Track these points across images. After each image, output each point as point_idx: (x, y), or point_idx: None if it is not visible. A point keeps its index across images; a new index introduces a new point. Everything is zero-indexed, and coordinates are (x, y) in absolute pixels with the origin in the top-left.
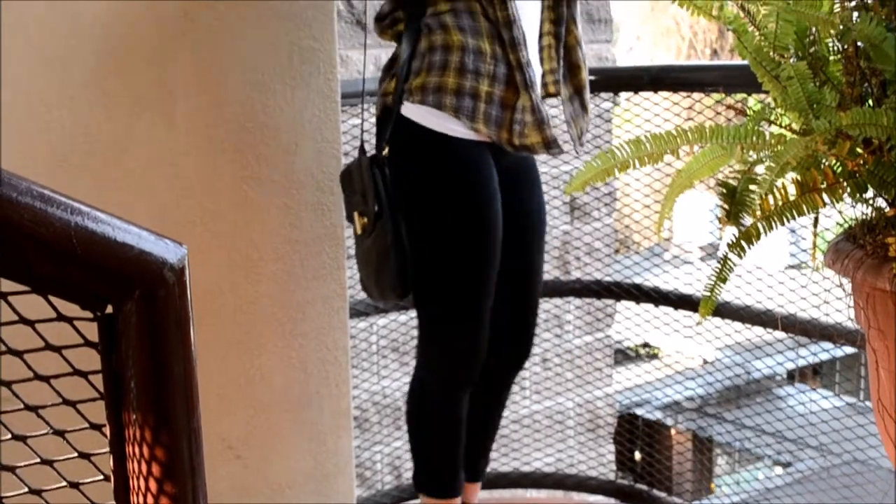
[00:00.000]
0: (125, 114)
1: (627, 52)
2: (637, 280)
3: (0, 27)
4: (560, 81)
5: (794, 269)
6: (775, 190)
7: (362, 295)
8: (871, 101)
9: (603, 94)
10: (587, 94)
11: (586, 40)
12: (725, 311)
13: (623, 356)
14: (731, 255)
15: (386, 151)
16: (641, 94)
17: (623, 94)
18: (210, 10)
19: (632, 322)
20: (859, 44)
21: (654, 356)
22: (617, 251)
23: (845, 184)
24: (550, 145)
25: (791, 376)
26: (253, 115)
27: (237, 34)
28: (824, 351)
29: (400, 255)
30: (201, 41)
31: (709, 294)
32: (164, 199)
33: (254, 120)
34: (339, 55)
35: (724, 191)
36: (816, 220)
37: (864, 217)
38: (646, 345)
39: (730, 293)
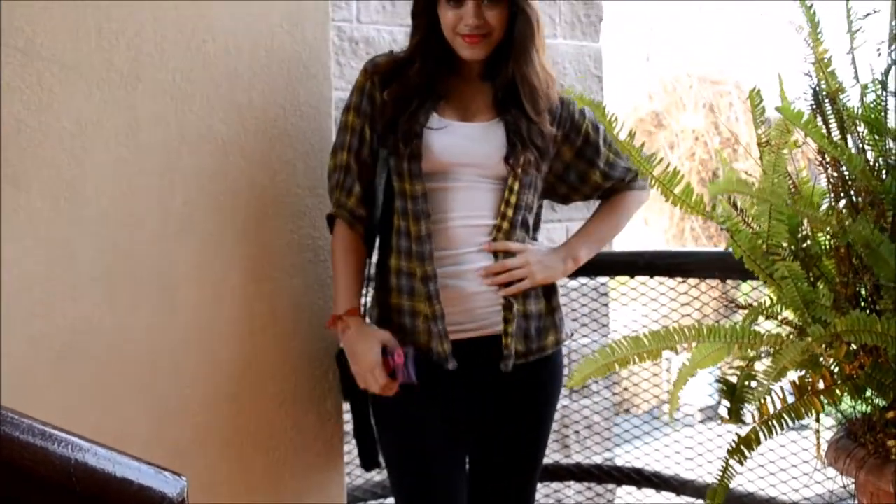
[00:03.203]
0: (127, 303)
1: None
2: (637, 444)
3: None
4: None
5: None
6: (773, 394)
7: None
8: (864, 302)
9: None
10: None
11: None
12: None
13: None
14: (731, 462)
15: None
16: (637, 278)
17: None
18: (210, 200)
19: None
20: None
21: None
22: (616, 414)
23: (843, 386)
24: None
25: None
26: (250, 305)
27: (238, 227)
28: None
29: (361, 434)
30: (203, 233)
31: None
32: (162, 390)
33: (251, 310)
34: None
35: (724, 387)
36: (818, 417)
37: (863, 414)
38: None
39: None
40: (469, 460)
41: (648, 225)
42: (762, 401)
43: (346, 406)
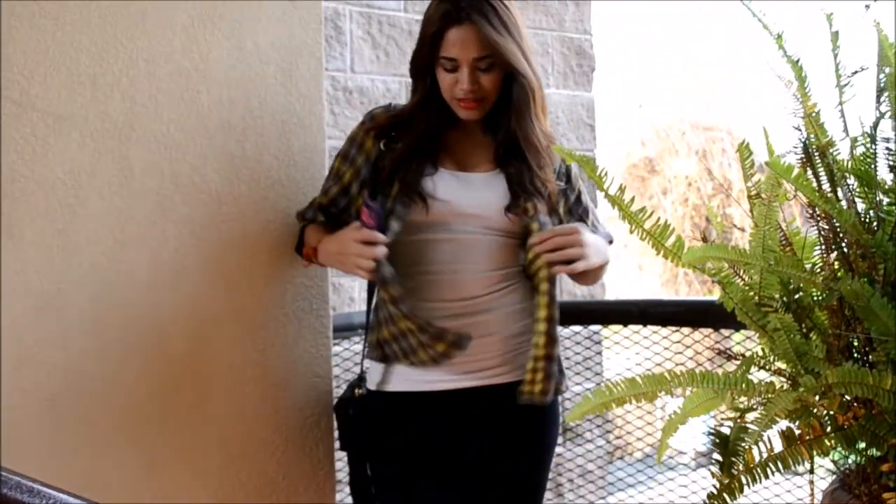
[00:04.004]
0: (117, 353)
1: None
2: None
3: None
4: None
5: None
6: (761, 443)
7: None
8: (857, 354)
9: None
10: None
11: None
12: None
13: None
14: None
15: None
16: (630, 327)
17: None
18: (203, 249)
19: None
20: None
21: None
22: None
23: (833, 436)
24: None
25: None
26: (244, 354)
27: (230, 276)
28: None
29: (357, 486)
30: (195, 282)
31: None
32: (152, 438)
33: (244, 358)
34: (332, 283)
35: (718, 440)
36: (812, 468)
37: (857, 465)
38: None
39: None
40: None
41: (643, 270)
42: (748, 448)
43: (338, 455)
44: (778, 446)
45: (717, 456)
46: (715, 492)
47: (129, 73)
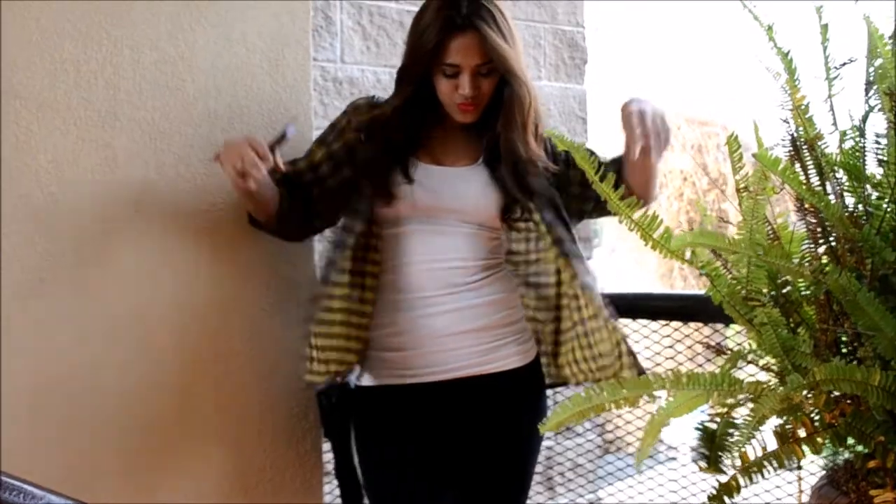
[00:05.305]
0: (100, 342)
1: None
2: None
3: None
4: None
5: None
6: (754, 441)
7: None
8: (845, 349)
9: None
10: None
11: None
12: None
13: None
14: None
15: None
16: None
17: None
18: (187, 238)
19: None
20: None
21: None
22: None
23: (825, 434)
24: None
25: None
26: (228, 344)
27: (215, 266)
28: None
29: (343, 474)
30: (180, 271)
31: None
32: (136, 430)
33: (230, 347)
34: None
35: (704, 434)
36: (799, 465)
37: (846, 462)
38: None
39: None
40: (457, 499)
41: (639, 265)
42: (742, 448)
43: (325, 446)
44: (771, 444)
45: (703, 450)
46: (715, 492)
47: (113, 60)
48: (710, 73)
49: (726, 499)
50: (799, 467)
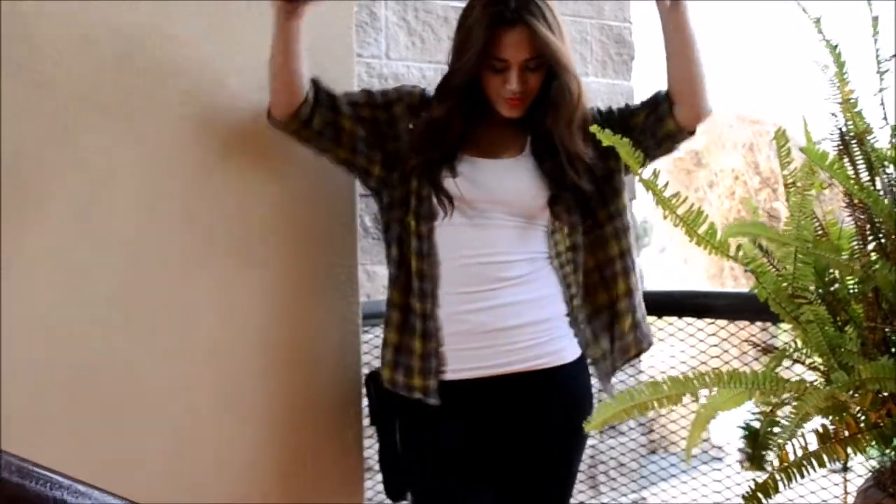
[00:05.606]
0: (144, 335)
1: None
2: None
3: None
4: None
5: None
6: (795, 440)
7: None
8: (893, 348)
9: None
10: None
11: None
12: None
13: None
14: None
15: None
16: (665, 319)
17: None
18: (235, 229)
19: None
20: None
21: None
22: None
23: (869, 434)
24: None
25: None
26: (273, 338)
27: (260, 257)
28: None
29: (387, 462)
30: (226, 261)
31: None
32: (179, 419)
33: (274, 340)
34: (365, 270)
35: (747, 433)
36: (846, 466)
37: (893, 463)
38: None
39: None
40: (498, 496)
41: (688, 264)
42: (783, 447)
43: (367, 443)
44: (813, 444)
45: (747, 448)
46: (750, 491)
47: (156, 55)
48: (762, 71)
49: (763, 499)
50: (845, 468)
